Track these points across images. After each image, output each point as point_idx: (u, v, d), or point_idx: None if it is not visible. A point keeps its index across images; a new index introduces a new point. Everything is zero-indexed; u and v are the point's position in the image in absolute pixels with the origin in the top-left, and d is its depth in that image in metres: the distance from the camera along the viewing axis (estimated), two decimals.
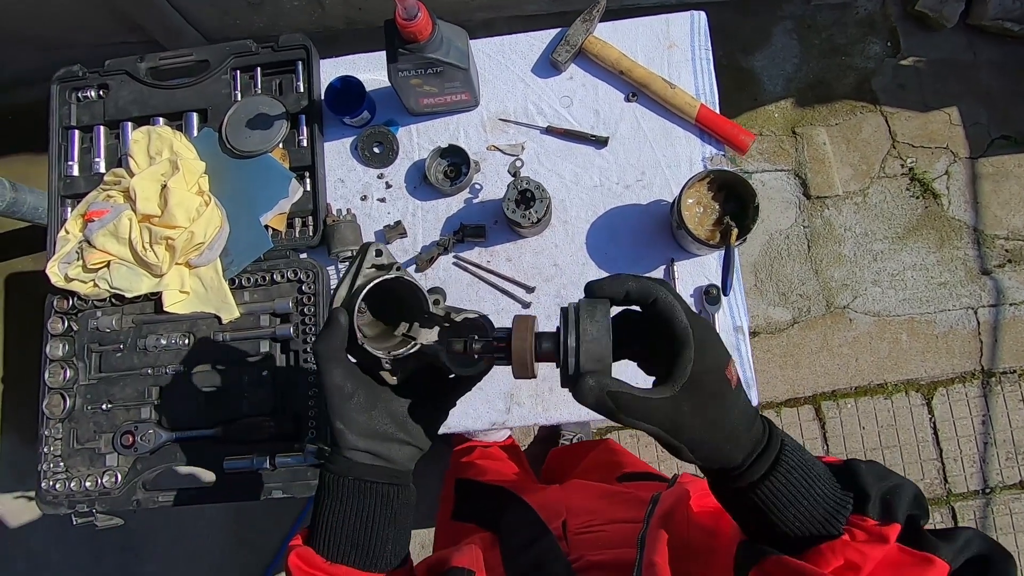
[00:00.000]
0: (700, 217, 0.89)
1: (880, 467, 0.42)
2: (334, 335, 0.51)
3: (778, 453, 0.41)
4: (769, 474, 0.40)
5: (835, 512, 0.39)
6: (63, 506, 0.92)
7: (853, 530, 0.39)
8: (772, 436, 0.42)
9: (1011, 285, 1.90)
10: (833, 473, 0.42)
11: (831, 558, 0.38)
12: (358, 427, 0.50)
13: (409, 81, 0.90)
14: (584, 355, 0.41)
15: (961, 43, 2.00)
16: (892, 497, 0.39)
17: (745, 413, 0.41)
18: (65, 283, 0.94)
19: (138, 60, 1.03)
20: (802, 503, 0.39)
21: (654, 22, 1.02)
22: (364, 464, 0.49)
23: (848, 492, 0.40)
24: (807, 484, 0.40)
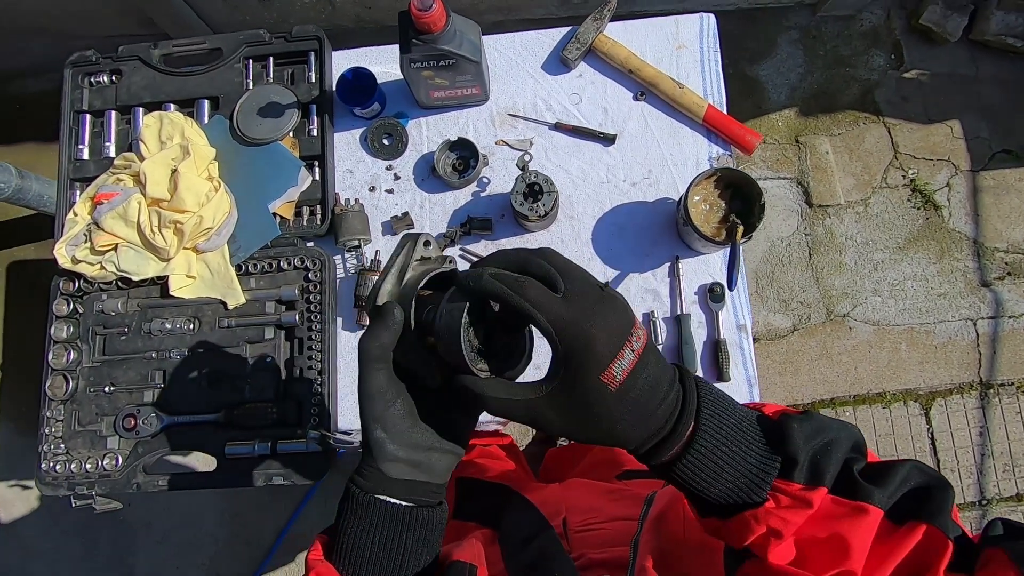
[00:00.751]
0: (706, 214, 0.90)
1: (816, 421, 0.40)
2: (385, 332, 0.44)
3: (690, 432, 0.39)
4: (680, 456, 0.39)
5: (759, 480, 0.38)
6: (62, 488, 0.91)
7: (778, 495, 0.38)
8: (682, 416, 0.39)
9: (1010, 298, 1.91)
10: (765, 431, 0.40)
11: (755, 526, 0.38)
12: (400, 436, 0.45)
13: (421, 73, 0.91)
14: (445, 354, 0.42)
15: (964, 57, 2.02)
16: (822, 457, 0.38)
17: (635, 410, 0.38)
18: (72, 265, 0.94)
19: (151, 47, 1.04)
20: (723, 477, 0.38)
21: (664, 23, 1.03)
22: (401, 480, 0.44)
23: (775, 456, 0.39)
24: (727, 457, 0.38)
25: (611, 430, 0.38)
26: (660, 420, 0.39)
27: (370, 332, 0.44)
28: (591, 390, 0.37)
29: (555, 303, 0.37)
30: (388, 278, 0.46)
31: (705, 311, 0.95)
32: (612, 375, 0.37)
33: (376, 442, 0.44)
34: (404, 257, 0.47)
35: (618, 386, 0.37)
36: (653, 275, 0.97)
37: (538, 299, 0.37)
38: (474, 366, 0.41)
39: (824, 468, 0.38)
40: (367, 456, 0.45)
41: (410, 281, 0.46)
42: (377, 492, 0.44)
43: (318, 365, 0.92)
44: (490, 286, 0.38)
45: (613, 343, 0.37)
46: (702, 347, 0.95)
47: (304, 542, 1.87)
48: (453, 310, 0.41)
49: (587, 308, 0.37)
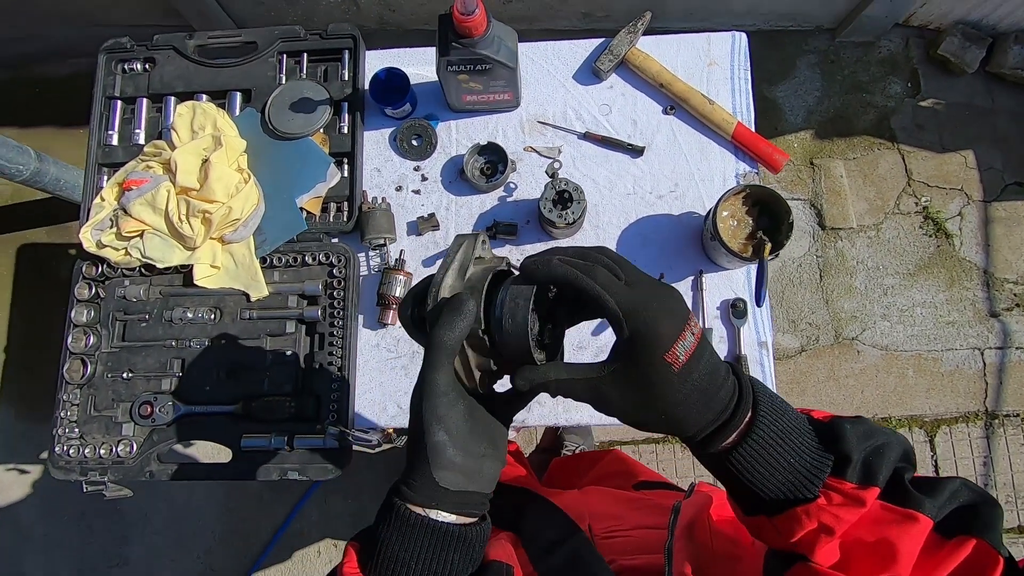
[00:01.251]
0: (734, 230, 0.90)
1: (867, 425, 0.41)
2: (461, 322, 0.41)
3: (748, 422, 0.39)
4: (737, 445, 0.39)
5: (812, 476, 0.39)
6: (75, 472, 0.91)
7: (830, 493, 0.38)
8: (740, 403, 0.40)
9: (1018, 329, 1.92)
10: (817, 431, 0.41)
11: (806, 522, 0.38)
12: (461, 441, 0.42)
13: (456, 76, 0.91)
14: (507, 350, 0.42)
15: (980, 89, 2.04)
16: (874, 458, 0.39)
17: (697, 393, 0.38)
18: (97, 249, 0.94)
19: (187, 37, 1.05)
20: (777, 469, 0.39)
21: (696, 39, 1.04)
22: (454, 492, 0.42)
23: (828, 454, 0.39)
24: (782, 451, 0.39)
25: (673, 412, 0.39)
26: (719, 406, 0.39)
27: (444, 323, 0.41)
28: (655, 370, 0.38)
29: (621, 288, 0.39)
30: (449, 272, 0.45)
31: (727, 326, 0.95)
32: (675, 355, 0.37)
33: (436, 446, 0.41)
34: (464, 253, 0.46)
35: (681, 367, 0.38)
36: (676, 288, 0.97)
37: (607, 283, 0.39)
38: (536, 355, 0.42)
39: (877, 469, 0.38)
40: (418, 462, 0.42)
41: (474, 276, 0.45)
42: (428, 507, 0.42)
43: (338, 361, 0.92)
44: (560, 271, 0.39)
45: (675, 325, 0.38)
46: None
47: (303, 541, 1.86)
48: (518, 297, 0.42)
49: (649, 293, 0.39)
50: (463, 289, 0.45)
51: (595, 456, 1.36)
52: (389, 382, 0.96)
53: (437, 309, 0.43)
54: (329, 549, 1.87)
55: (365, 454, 1.87)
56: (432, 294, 0.44)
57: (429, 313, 0.44)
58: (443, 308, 0.43)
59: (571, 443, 1.77)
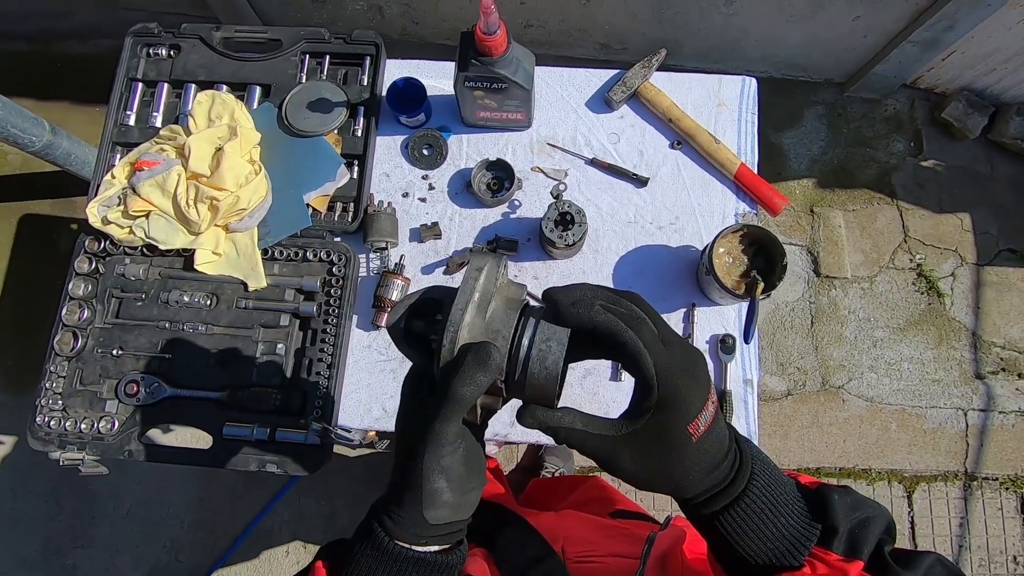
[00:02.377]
0: (729, 267, 0.92)
1: (854, 496, 0.42)
2: (484, 376, 0.37)
3: (744, 488, 0.40)
4: (731, 506, 0.39)
5: (799, 544, 0.39)
6: (53, 445, 0.90)
7: (815, 562, 0.38)
8: (740, 470, 0.40)
9: (1002, 393, 1.93)
10: (806, 499, 0.41)
11: None
12: (458, 483, 0.41)
13: (473, 92, 0.94)
14: (529, 391, 0.40)
15: (981, 155, 2.09)
16: (860, 531, 0.39)
17: (705, 461, 0.39)
18: (102, 225, 0.95)
19: (214, 29, 1.07)
20: (765, 535, 0.39)
21: (707, 80, 1.07)
22: (440, 525, 0.42)
23: (815, 524, 0.40)
24: (772, 516, 0.39)
25: (682, 479, 0.39)
26: (722, 475, 0.40)
27: (467, 377, 0.37)
28: (676, 439, 0.37)
29: (660, 349, 0.37)
30: (469, 309, 0.40)
31: (715, 360, 0.97)
32: (697, 426, 0.37)
33: (433, 492, 0.40)
34: (486, 284, 0.41)
35: (699, 437, 0.37)
36: (668, 319, 0.98)
37: (650, 341, 0.37)
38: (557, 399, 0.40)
39: (862, 542, 0.39)
40: (409, 501, 0.41)
41: (496, 315, 0.41)
42: (415, 544, 0.41)
43: (328, 359, 0.93)
44: (602, 319, 0.37)
45: (702, 395, 0.37)
46: None
47: (271, 540, 1.84)
48: (551, 340, 0.39)
49: (684, 358, 0.37)
50: (485, 329, 0.40)
51: (575, 481, 1.35)
52: (377, 384, 0.97)
53: (459, 356, 0.39)
54: (298, 550, 1.85)
55: (343, 457, 1.86)
56: (449, 336, 0.39)
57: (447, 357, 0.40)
58: (467, 357, 0.38)
59: (551, 465, 1.77)
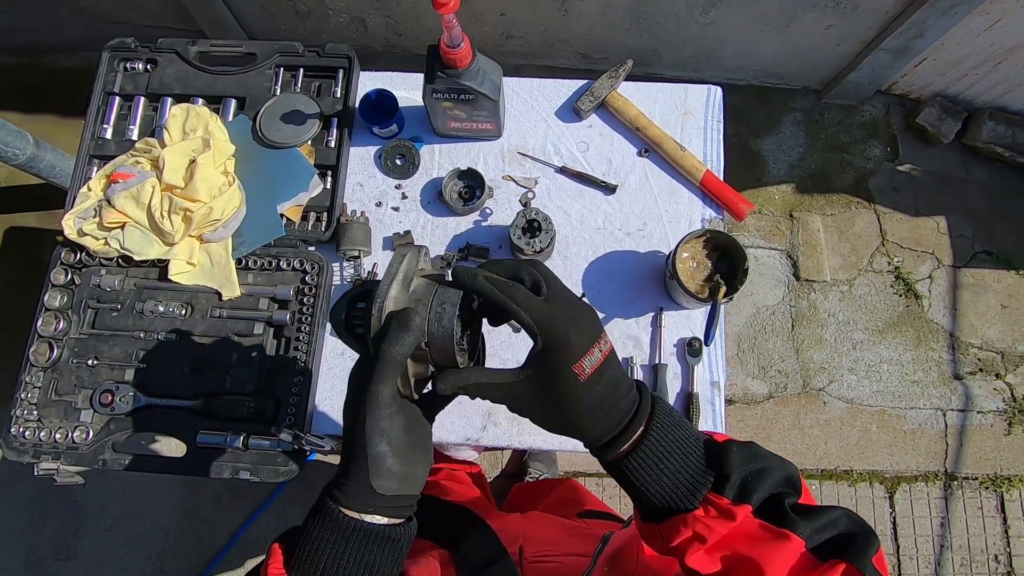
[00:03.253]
0: (692, 271, 0.94)
1: (754, 449, 0.45)
2: (409, 337, 0.42)
3: (642, 432, 0.43)
4: (631, 452, 0.43)
5: (694, 489, 0.42)
6: (28, 455, 0.91)
7: (708, 506, 0.42)
8: (637, 414, 0.44)
9: (980, 394, 1.96)
10: (707, 450, 0.44)
11: (683, 529, 0.42)
12: (401, 450, 0.44)
13: (441, 103, 0.96)
14: (433, 352, 0.45)
15: (955, 160, 2.13)
16: (752, 480, 0.42)
17: (599, 402, 0.43)
18: (78, 237, 0.97)
19: (190, 43, 1.09)
20: (663, 479, 0.42)
21: (674, 89, 1.10)
22: (389, 496, 0.44)
23: (711, 471, 0.43)
24: (669, 462, 0.43)
25: (578, 419, 0.43)
26: (618, 416, 0.44)
27: (392, 338, 0.42)
28: (564, 378, 0.42)
29: (538, 304, 0.42)
30: (393, 284, 0.45)
31: (682, 363, 0.98)
32: (582, 367, 0.42)
33: (376, 456, 0.43)
34: (408, 265, 0.47)
35: (586, 378, 0.42)
36: (636, 323, 1.00)
37: (524, 300, 0.42)
38: (459, 357, 0.45)
39: (752, 489, 0.42)
40: (356, 470, 0.43)
41: (419, 289, 0.46)
42: (364, 513, 0.43)
43: (301, 366, 0.94)
44: (482, 286, 0.43)
45: (584, 341, 0.42)
46: (675, 398, 0.98)
47: (257, 548, 1.84)
48: (445, 302, 0.45)
49: (565, 310, 0.43)
50: (408, 302, 0.46)
51: (553, 484, 1.37)
52: None
53: (385, 323, 0.44)
54: None
55: (329, 464, 1.87)
56: (376, 305, 0.45)
57: (375, 326, 0.44)
58: (391, 322, 0.43)
59: (535, 470, 1.78)
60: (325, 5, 1.95)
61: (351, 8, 1.95)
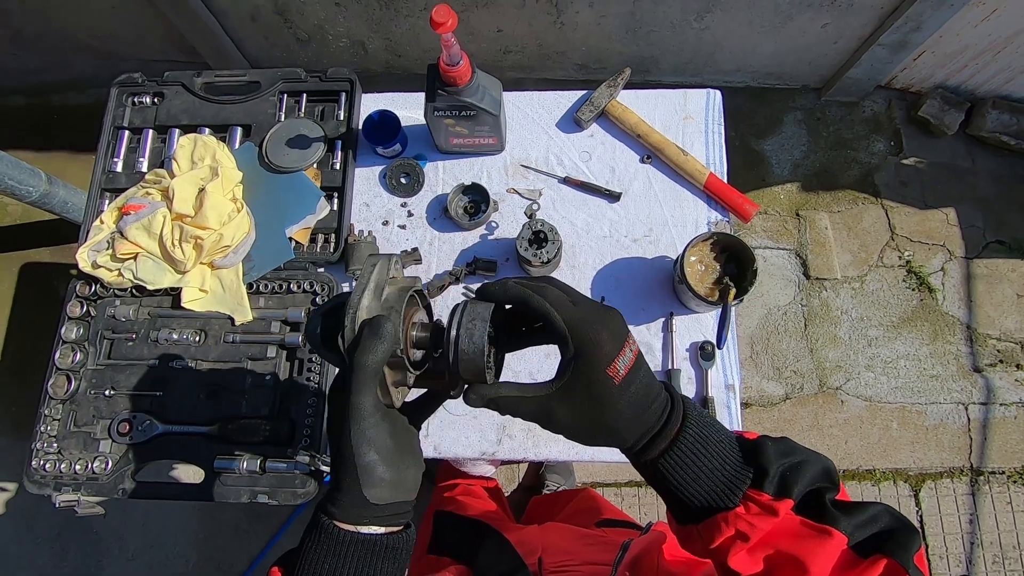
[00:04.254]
0: (701, 275, 0.94)
1: (788, 444, 0.44)
2: (381, 345, 0.42)
3: (677, 432, 0.43)
4: (667, 452, 0.42)
5: (732, 486, 0.41)
6: (49, 487, 0.92)
7: (748, 503, 0.41)
8: (671, 414, 0.43)
9: (1002, 385, 1.93)
10: (742, 447, 0.44)
11: (724, 528, 0.41)
12: (389, 458, 0.44)
13: (443, 120, 0.97)
14: (463, 366, 0.44)
15: (960, 151, 2.11)
16: (791, 474, 0.41)
17: (634, 404, 0.42)
18: (92, 269, 0.98)
19: (195, 75, 1.11)
20: (701, 477, 0.42)
21: (673, 95, 1.10)
22: (382, 505, 0.44)
23: (748, 468, 0.42)
24: (705, 459, 0.42)
25: (614, 424, 0.42)
26: (653, 418, 0.43)
27: (365, 347, 0.42)
28: (599, 382, 0.41)
29: (569, 307, 0.42)
30: (365, 294, 0.45)
31: (695, 368, 0.98)
32: (616, 369, 0.41)
33: (367, 466, 0.42)
34: (379, 274, 0.47)
35: (621, 379, 0.41)
36: (647, 329, 1.00)
37: (556, 301, 0.42)
38: (488, 372, 0.45)
39: (792, 484, 0.41)
40: (348, 482, 0.43)
41: (391, 297, 0.47)
42: (359, 524, 0.43)
43: (315, 388, 0.95)
44: (515, 290, 0.43)
45: (616, 341, 0.42)
46: None
47: None
48: (476, 317, 0.44)
49: (593, 313, 0.43)
50: (381, 310, 0.46)
51: (570, 495, 1.36)
52: None
53: (358, 333, 0.43)
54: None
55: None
56: (349, 316, 0.44)
57: (349, 336, 0.44)
58: (364, 331, 0.43)
59: (552, 483, 1.77)
60: (325, 31, 1.98)
61: (351, 32, 1.99)
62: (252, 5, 1.88)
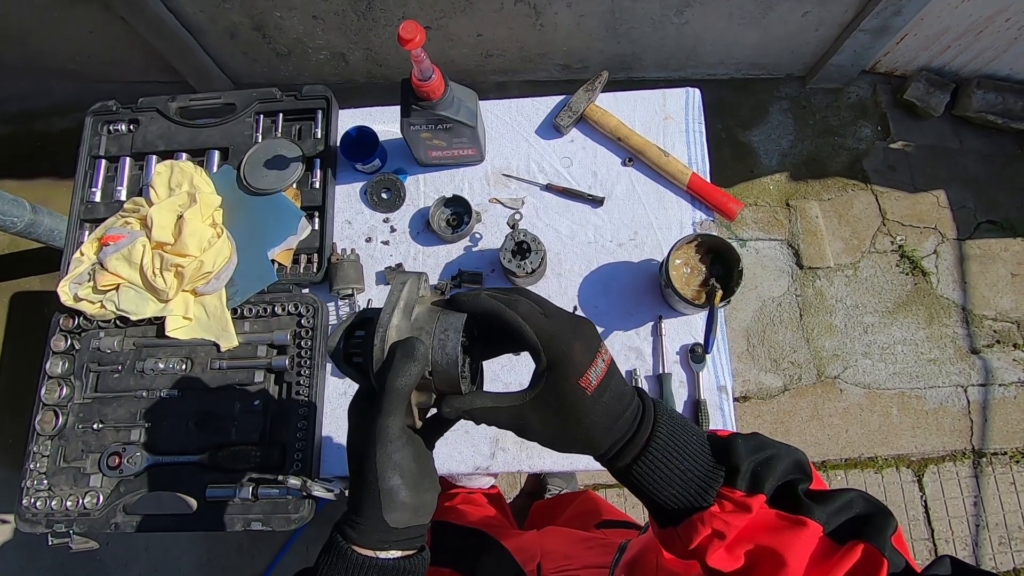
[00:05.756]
0: (687, 277, 0.93)
1: (759, 439, 0.44)
2: (412, 371, 0.42)
3: (648, 438, 0.43)
4: (638, 458, 0.42)
5: (706, 486, 0.41)
6: (41, 525, 0.91)
7: (723, 501, 0.41)
8: (642, 421, 0.43)
9: (1000, 366, 1.92)
10: (713, 447, 0.44)
11: (701, 528, 0.41)
12: (412, 482, 0.44)
13: (420, 134, 0.96)
14: (437, 378, 0.44)
15: (948, 132, 2.11)
16: (762, 469, 0.42)
17: (606, 414, 0.42)
18: (74, 302, 0.97)
19: (169, 100, 1.10)
20: (674, 480, 0.42)
21: (652, 95, 1.10)
22: (400, 529, 0.44)
23: (720, 466, 0.42)
24: (677, 463, 0.42)
25: (587, 432, 0.42)
26: (625, 425, 0.43)
27: (399, 370, 0.41)
28: (571, 392, 0.41)
29: (541, 319, 0.42)
30: (396, 313, 0.44)
31: (687, 371, 0.97)
32: (588, 380, 0.41)
33: (391, 490, 0.42)
34: (409, 292, 0.46)
35: (593, 390, 0.41)
36: (637, 334, 0.99)
37: (527, 314, 0.42)
38: (462, 383, 0.44)
39: (764, 478, 0.41)
40: (368, 506, 0.43)
41: (420, 317, 0.45)
42: (379, 550, 0.43)
43: (304, 410, 0.94)
44: (486, 303, 0.43)
45: (588, 353, 0.42)
46: (683, 407, 0.96)
47: None
48: (448, 328, 0.44)
49: (565, 324, 0.43)
50: (411, 330, 0.45)
51: (571, 498, 1.36)
52: None
53: (389, 353, 0.43)
54: None
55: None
56: (379, 335, 0.44)
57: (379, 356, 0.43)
58: (396, 353, 0.42)
59: (554, 487, 1.76)
60: (304, 44, 1.97)
61: (330, 45, 1.97)
62: (230, 22, 1.86)
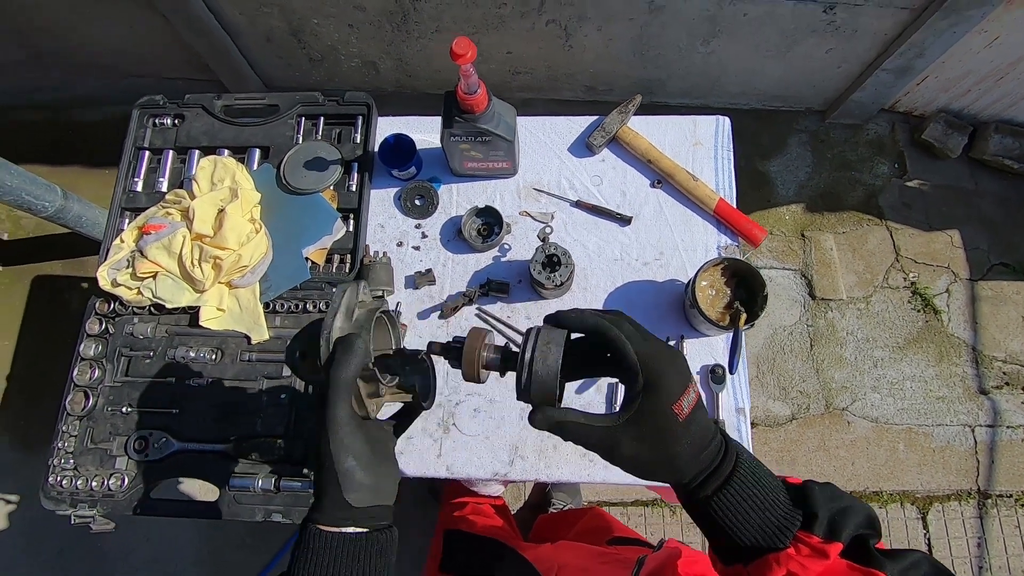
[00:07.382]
0: (712, 299, 0.95)
1: (834, 490, 0.45)
2: (352, 362, 0.47)
3: (730, 472, 0.44)
4: (720, 490, 0.44)
5: (783, 527, 0.43)
6: (65, 503, 0.93)
7: (799, 545, 0.42)
8: (726, 455, 0.45)
9: (1008, 408, 1.93)
10: (789, 490, 0.45)
11: (776, 567, 0.42)
12: (367, 463, 0.47)
13: (459, 145, 0.99)
14: (534, 388, 0.46)
15: (964, 173, 2.13)
16: (839, 518, 0.43)
17: (694, 442, 0.44)
18: (112, 287, 1.00)
19: (215, 98, 1.14)
20: (752, 517, 0.43)
21: (683, 121, 1.13)
22: (363, 508, 0.47)
23: (798, 510, 0.43)
24: (757, 500, 0.43)
25: (675, 459, 0.44)
26: (709, 456, 0.45)
27: (339, 362, 0.47)
28: (664, 416, 0.43)
29: (641, 342, 0.44)
30: (337, 316, 0.50)
31: (706, 391, 0.99)
32: (681, 407, 0.43)
33: (347, 472, 0.46)
34: (349, 298, 0.52)
35: (685, 417, 0.43)
36: None
37: (630, 335, 0.44)
38: (559, 394, 0.47)
39: (841, 528, 0.42)
40: (329, 488, 0.47)
41: (360, 317, 0.52)
42: (343, 526, 0.46)
43: None
44: (593, 320, 0.46)
45: (682, 381, 0.44)
46: None
47: None
48: (551, 341, 0.46)
49: (663, 350, 0.45)
50: (352, 329, 0.50)
51: (579, 514, 1.36)
52: None
53: (332, 350, 0.48)
54: None
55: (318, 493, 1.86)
56: (324, 336, 0.49)
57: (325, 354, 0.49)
58: (336, 348, 0.48)
59: (559, 501, 1.77)
60: (338, 51, 2.02)
61: (363, 53, 2.02)
62: (268, 26, 1.92)
